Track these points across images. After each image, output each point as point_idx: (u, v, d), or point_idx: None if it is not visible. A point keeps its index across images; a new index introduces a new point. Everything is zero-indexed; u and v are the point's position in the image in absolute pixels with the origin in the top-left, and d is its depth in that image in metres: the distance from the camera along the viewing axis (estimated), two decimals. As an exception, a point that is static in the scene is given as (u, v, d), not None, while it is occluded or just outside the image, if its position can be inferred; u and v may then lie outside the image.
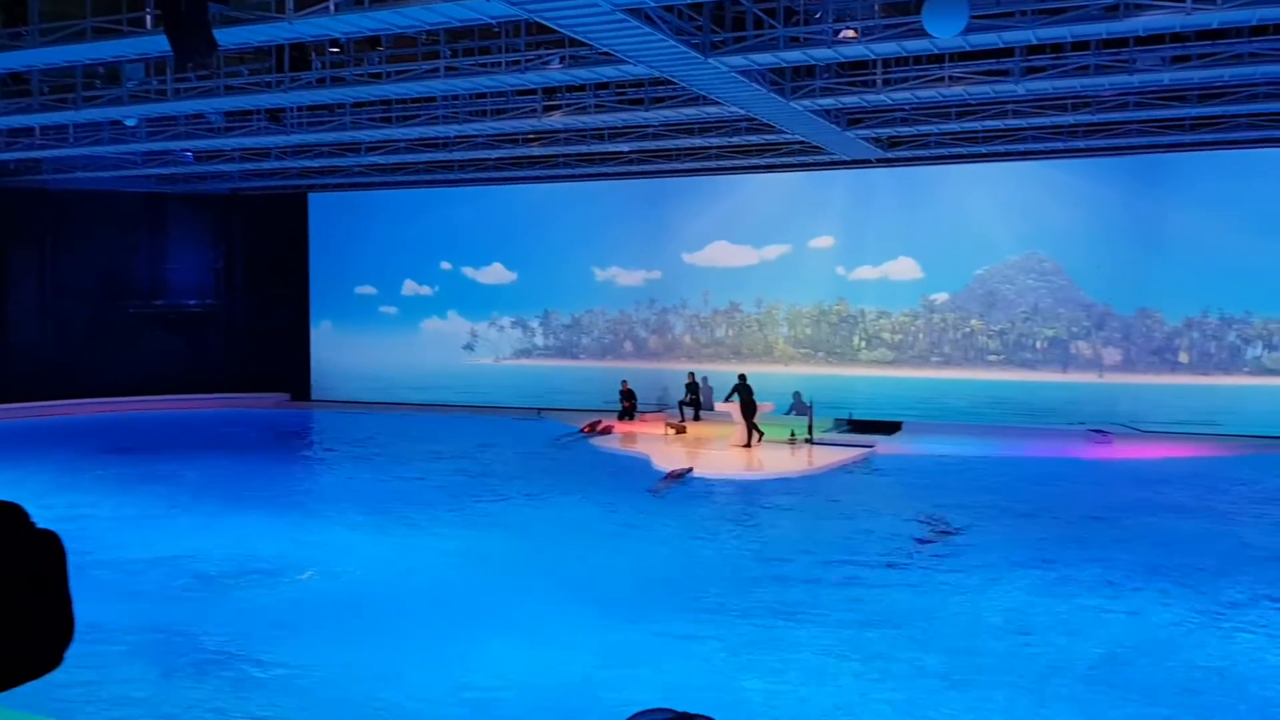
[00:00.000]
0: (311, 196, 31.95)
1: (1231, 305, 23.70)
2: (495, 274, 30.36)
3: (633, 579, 11.95)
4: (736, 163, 25.53)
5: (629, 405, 26.93)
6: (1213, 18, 13.54)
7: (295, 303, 32.25)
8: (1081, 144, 22.38)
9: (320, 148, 24.89)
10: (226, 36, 14.13)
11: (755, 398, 22.09)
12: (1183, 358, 24.21)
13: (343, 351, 31.82)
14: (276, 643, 9.65)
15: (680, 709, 1.94)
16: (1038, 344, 25.38)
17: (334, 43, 17.38)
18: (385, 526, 14.76)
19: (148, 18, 14.71)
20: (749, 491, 17.81)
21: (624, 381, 27.30)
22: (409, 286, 31.33)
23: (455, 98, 20.31)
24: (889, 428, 24.51)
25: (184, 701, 8.32)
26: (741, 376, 22.62)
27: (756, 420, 21.93)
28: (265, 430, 26.52)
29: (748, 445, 21.66)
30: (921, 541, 13.74)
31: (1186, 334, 24.14)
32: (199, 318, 32.30)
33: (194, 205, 32.24)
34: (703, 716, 1.91)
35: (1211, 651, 9.48)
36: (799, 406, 22.69)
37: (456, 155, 24.61)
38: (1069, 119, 20.14)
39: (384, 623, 10.36)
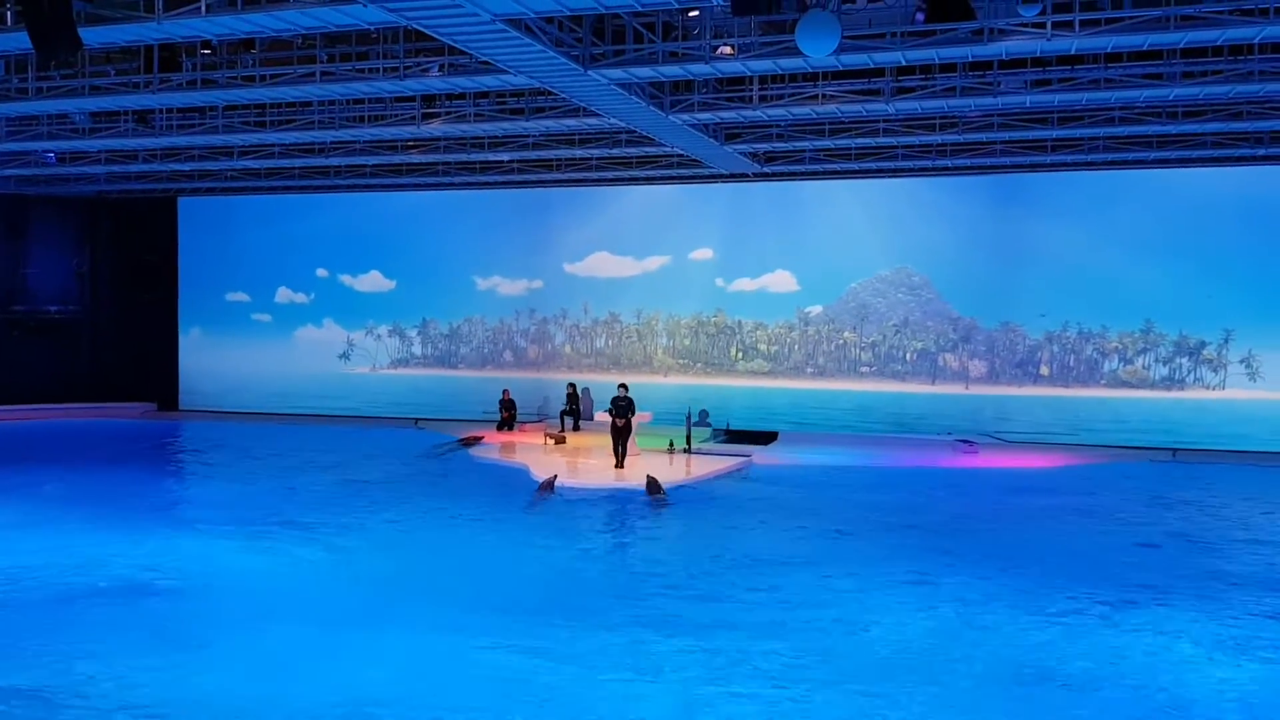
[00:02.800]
0: (181, 200, 31.10)
1: (1089, 320, 24.75)
2: (373, 282, 29.95)
3: (501, 593, 11.84)
4: (618, 174, 25.73)
5: (508, 415, 26.83)
6: (1070, 43, 14.20)
7: (163, 310, 31.33)
8: (949, 162, 23.15)
9: (191, 151, 24.29)
10: (92, 35, 13.73)
11: (635, 410, 21.62)
12: (1044, 370, 25.18)
13: (213, 360, 31.01)
14: (125, 665, 9.28)
15: None
16: (907, 356, 26.12)
17: (206, 44, 17.00)
18: (252, 539, 14.37)
19: (8, 14, 14.21)
20: (624, 502, 17.86)
21: (505, 391, 27.19)
22: (283, 294, 30.70)
23: (332, 103, 20.05)
24: (766, 438, 24.93)
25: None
26: (623, 387, 22.01)
27: (632, 440, 21.45)
28: (130, 441, 25.64)
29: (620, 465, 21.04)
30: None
31: (1047, 347, 25.12)
32: (61, 325, 31.13)
33: (57, 208, 31.11)
34: None
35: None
36: (703, 422, 22.71)
37: (333, 161, 24.27)
38: (937, 138, 20.86)
39: (242, 640, 10.06)
